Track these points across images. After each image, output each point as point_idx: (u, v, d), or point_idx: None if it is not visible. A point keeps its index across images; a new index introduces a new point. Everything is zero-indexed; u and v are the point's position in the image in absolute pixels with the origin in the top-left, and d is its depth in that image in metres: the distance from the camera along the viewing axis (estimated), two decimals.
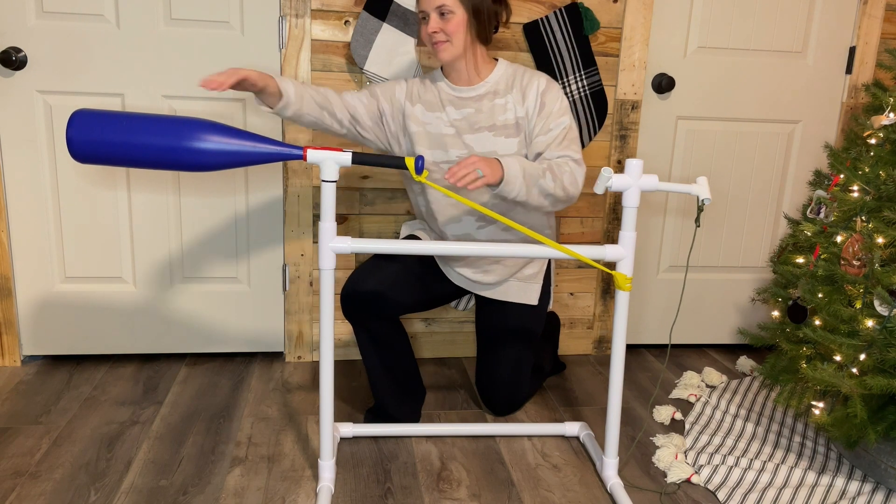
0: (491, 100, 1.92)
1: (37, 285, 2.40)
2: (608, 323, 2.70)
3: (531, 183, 1.76)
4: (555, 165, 1.83)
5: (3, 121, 2.26)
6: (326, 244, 1.65)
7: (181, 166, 1.54)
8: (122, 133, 1.50)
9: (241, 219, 2.44)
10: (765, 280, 2.80)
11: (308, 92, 1.85)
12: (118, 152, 1.51)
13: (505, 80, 1.94)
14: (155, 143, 1.51)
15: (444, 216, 1.99)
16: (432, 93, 1.96)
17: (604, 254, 1.71)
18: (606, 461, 1.87)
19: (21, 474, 1.81)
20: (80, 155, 1.52)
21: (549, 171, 1.80)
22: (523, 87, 1.92)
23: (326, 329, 1.70)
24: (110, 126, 1.51)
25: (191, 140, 1.51)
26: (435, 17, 1.82)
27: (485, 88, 1.93)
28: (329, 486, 1.76)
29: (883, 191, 1.85)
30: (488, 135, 1.92)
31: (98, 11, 2.22)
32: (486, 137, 1.92)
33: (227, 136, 1.54)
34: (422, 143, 1.95)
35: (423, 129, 1.95)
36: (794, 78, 2.61)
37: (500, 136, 1.92)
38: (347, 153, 1.60)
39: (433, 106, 1.95)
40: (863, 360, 1.71)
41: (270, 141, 1.59)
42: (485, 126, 1.92)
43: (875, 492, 1.85)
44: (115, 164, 1.54)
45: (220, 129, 1.55)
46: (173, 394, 2.27)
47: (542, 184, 1.78)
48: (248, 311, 2.53)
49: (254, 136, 1.57)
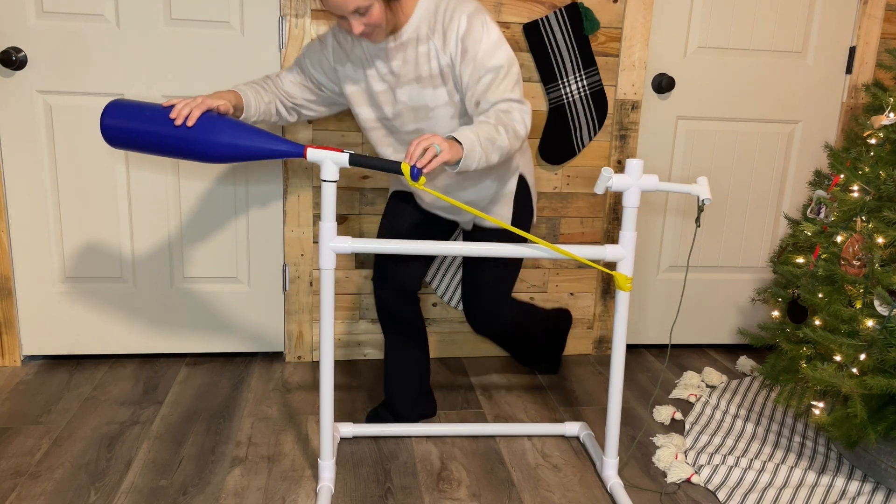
0: (415, 47, 1.79)
1: (37, 285, 2.40)
2: (608, 323, 2.70)
3: (489, 148, 1.66)
4: (502, 114, 1.70)
5: (3, 121, 2.26)
6: (327, 244, 1.65)
7: (197, 157, 1.64)
8: (147, 122, 1.64)
9: (241, 219, 2.44)
10: (765, 280, 2.80)
11: (262, 102, 1.88)
12: (142, 140, 1.65)
13: (427, 22, 1.78)
14: (176, 134, 1.63)
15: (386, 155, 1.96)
16: (359, 47, 1.85)
17: (604, 254, 1.71)
18: (606, 461, 1.87)
19: (21, 474, 1.81)
20: (110, 140, 1.67)
21: (501, 125, 1.68)
22: (444, 29, 1.76)
23: (326, 329, 1.70)
24: (138, 116, 1.65)
25: (209, 133, 1.62)
26: (355, 18, 1.69)
27: (406, 35, 1.78)
28: (329, 485, 1.77)
29: (883, 191, 1.85)
30: (416, 87, 1.81)
31: (98, 11, 2.22)
32: (415, 90, 1.81)
33: (239, 132, 1.63)
34: (359, 102, 1.88)
35: (356, 87, 1.88)
36: (794, 78, 2.61)
37: (428, 87, 1.80)
38: (345, 154, 1.60)
39: (362, 62, 1.85)
40: (863, 360, 1.71)
41: (275, 138, 1.63)
42: (412, 77, 1.81)
43: (875, 492, 1.85)
44: (139, 150, 1.68)
45: (233, 124, 1.64)
46: (173, 394, 2.27)
47: (500, 142, 1.68)
48: (248, 311, 2.53)
49: (261, 133, 1.64)
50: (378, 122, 1.91)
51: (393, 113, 1.86)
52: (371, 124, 1.92)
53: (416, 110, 1.83)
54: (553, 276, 2.63)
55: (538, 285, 2.62)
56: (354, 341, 2.57)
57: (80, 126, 2.29)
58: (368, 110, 1.89)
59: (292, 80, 1.93)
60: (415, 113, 1.84)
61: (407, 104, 1.84)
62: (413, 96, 1.82)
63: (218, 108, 1.70)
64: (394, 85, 1.83)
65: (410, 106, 1.84)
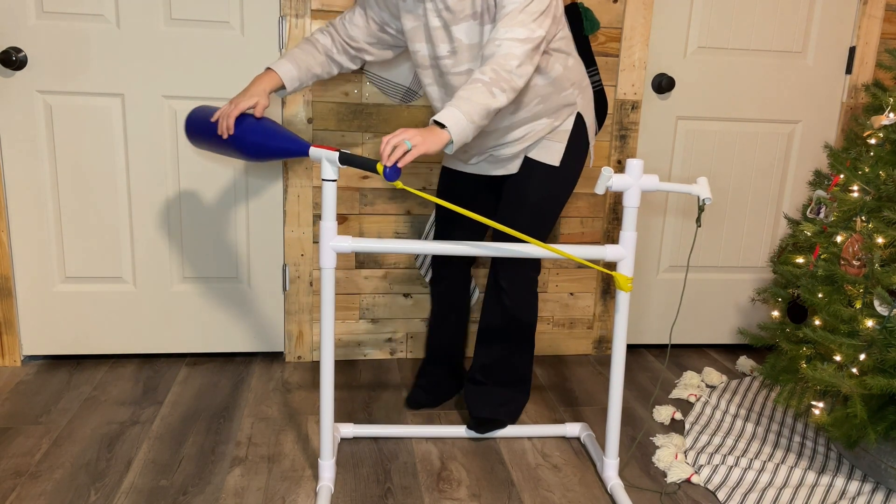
0: None
1: (37, 285, 2.40)
2: (608, 323, 2.70)
3: (481, 115, 1.60)
4: (498, 67, 1.63)
5: (3, 121, 2.26)
6: (327, 243, 1.65)
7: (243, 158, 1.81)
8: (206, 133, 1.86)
9: (241, 218, 2.44)
10: (765, 280, 2.80)
11: (306, 62, 1.93)
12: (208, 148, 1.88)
13: None
14: (224, 142, 1.81)
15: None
16: None
17: (604, 254, 1.71)
18: (607, 462, 1.87)
19: (21, 474, 1.81)
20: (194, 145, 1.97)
21: (496, 86, 1.61)
22: None
23: (326, 329, 1.70)
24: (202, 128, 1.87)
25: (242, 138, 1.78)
26: None
27: None
28: (329, 485, 1.77)
29: (883, 191, 1.85)
30: (473, 23, 1.76)
31: (98, 11, 2.22)
32: (472, 27, 1.76)
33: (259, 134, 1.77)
34: (416, 38, 1.85)
35: (415, 23, 1.83)
36: (794, 78, 2.61)
37: (487, 23, 1.75)
38: (336, 152, 1.60)
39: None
40: (863, 360, 1.71)
41: (286, 138, 1.73)
42: (468, 13, 1.74)
43: (875, 492, 1.85)
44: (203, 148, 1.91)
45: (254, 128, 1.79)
46: (173, 394, 2.27)
47: (495, 105, 1.62)
48: (248, 311, 2.53)
49: (276, 134, 1.76)
50: (432, 60, 1.86)
51: (449, 51, 1.81)
52: (425, 62, 1.87)
53: (472, 48, 1.79)
54: (553, 276, 2.63)
55: (538, 285, 2.62)
56: (354, 341, 2.57)
57: (80, 126, 2.29)
58: (424, 47, 1.85)
59: (356, 24, 1.94)
60: (470, 51, 1.80)
61: (463, 41, 1.79)
62: (470, 33, 1.77)
63: (252, 107, 1.82)
64: (450, 21, 1.78)
65: (467, 44, 1.79)
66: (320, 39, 1.96)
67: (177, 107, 2.32)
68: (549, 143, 1.95)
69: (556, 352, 2.71)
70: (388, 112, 2.40)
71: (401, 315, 2.58)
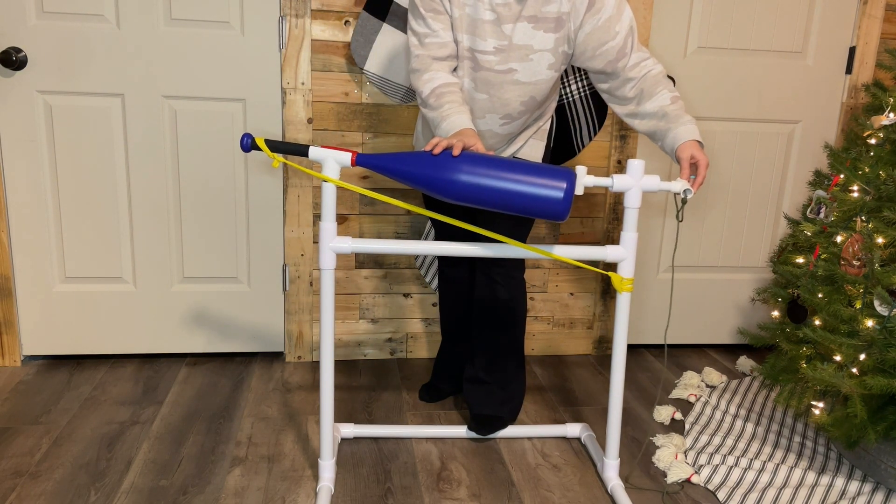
0: None
1: (37, 285, 2.40)
2: (608, 323, 2.70)
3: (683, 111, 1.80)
4: (655, 77, 1.79)
5: (3, 121, 2.26)
6: (327, 244, 1.65)
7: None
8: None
9: (241, 219, 2.44)
10: (765, 280, 2.80)
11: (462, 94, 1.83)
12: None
13: None
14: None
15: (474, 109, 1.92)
16: None
17: (605, 255, 1.71)
18: (607, 462, 1.87)
19: (21, 474, 1.81)
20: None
21: (666, 89, 1.79)
22: None
23: (326, 329, 1.70)
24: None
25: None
26: None
27: None
28: (329, 485, 1.77)
29: (883, 191, 1.85)
30: (528, 26, 1.76)
31: (98, 11, 2.22)
32: (526, 29, 1.76)
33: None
34: (460, 27, 1.81)
35: (462, 11, 1.78)
36: (794, 78, 2.61)
37: (540, 29, 1.76)
38: (347, 154, 1.60)
39: None
40: (863, 360, 1.71)
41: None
42: (526, 16, 1.75)
43: (875, 492, 1.85)
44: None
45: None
46: (173, 394, 2.27)
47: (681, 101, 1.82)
48: (248, 311, 2.53)
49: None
50: (471, 52, 1.83)
51: (495, 47, 1.79)
52: (465, 54, 1.84)
53: (520, 49, 1.78)
54: (553, 276, 2.63)
55: (538, 285, 2.62)
56: (354, 341, 2.57)
57: (81, 126, 2.29)
58: (468, 39, 1.81)
59: (443, 27, 1.82)
60: (518, 51, 1.79)
61: (513, 41, 1.78)
62: (524, 34, 1.77)
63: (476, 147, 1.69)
64: (505, 18, 1.76)
65: (516, 43, 1.78)
66: (451, 78, 1.84)
67: (177, 107, 2.32)
68: (535, 141, 2.01)
69: (556, 352, 2.71)
70: (388, 112, 2.40)
71: (401, 315, 2.58)
